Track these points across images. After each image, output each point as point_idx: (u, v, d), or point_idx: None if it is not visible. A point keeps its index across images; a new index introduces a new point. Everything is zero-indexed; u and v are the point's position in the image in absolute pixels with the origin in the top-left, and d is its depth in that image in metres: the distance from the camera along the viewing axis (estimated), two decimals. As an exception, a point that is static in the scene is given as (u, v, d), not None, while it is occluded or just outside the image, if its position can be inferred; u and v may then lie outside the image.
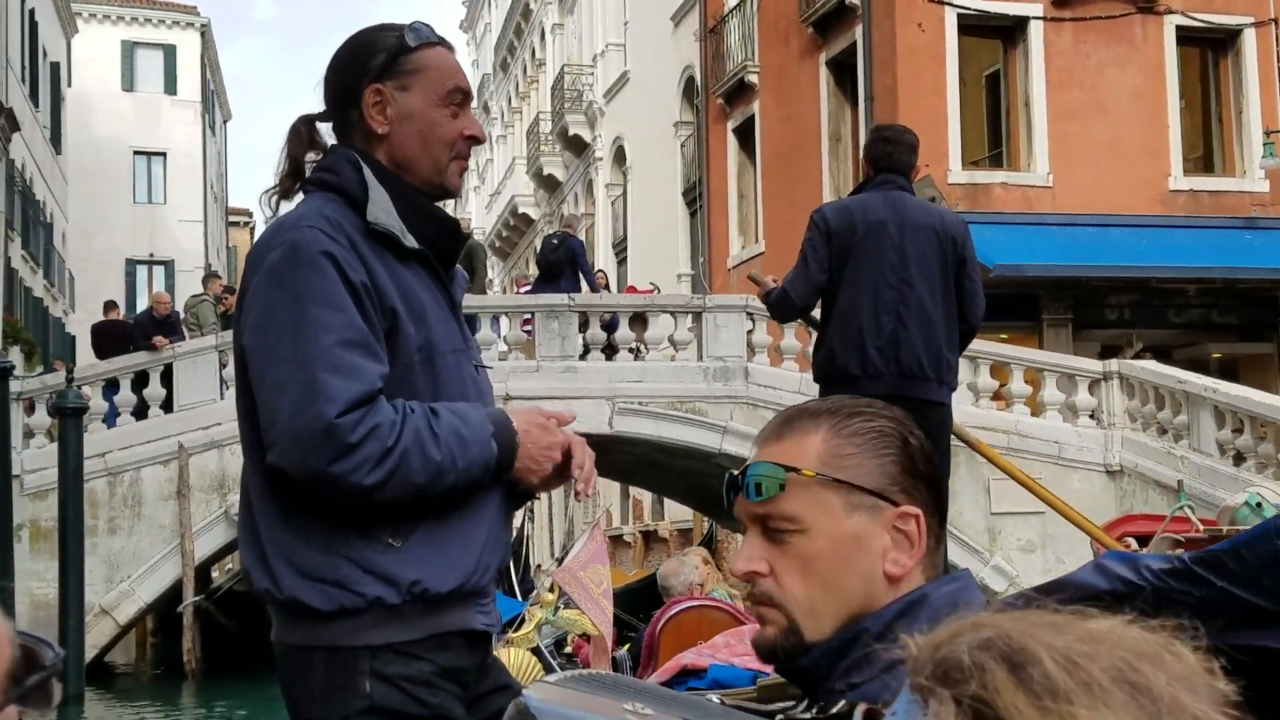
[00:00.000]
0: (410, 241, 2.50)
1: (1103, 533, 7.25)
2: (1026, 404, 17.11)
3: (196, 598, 16.72)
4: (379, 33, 2.60)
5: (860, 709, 0.91)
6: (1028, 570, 16.02)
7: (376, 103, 2.52)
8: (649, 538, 28.72)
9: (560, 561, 12.15)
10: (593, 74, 36.22)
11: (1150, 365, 16.99)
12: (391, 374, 2.44)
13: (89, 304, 35.06)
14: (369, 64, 2.53)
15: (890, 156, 6.22)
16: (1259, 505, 12.06)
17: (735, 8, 26.00)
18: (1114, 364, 17.18)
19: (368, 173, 2.49)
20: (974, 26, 20.85)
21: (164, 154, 48.51)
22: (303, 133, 2.64)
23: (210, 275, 21.35)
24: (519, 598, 13.31)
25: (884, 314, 5.96)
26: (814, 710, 1.54)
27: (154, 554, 16.42)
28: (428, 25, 2.62)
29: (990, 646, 0.80)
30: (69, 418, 14.49)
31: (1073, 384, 17.12)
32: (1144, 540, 13.37)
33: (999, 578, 16.16)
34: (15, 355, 25.31)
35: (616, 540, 30.64)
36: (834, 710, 1.44)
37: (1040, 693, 0.77)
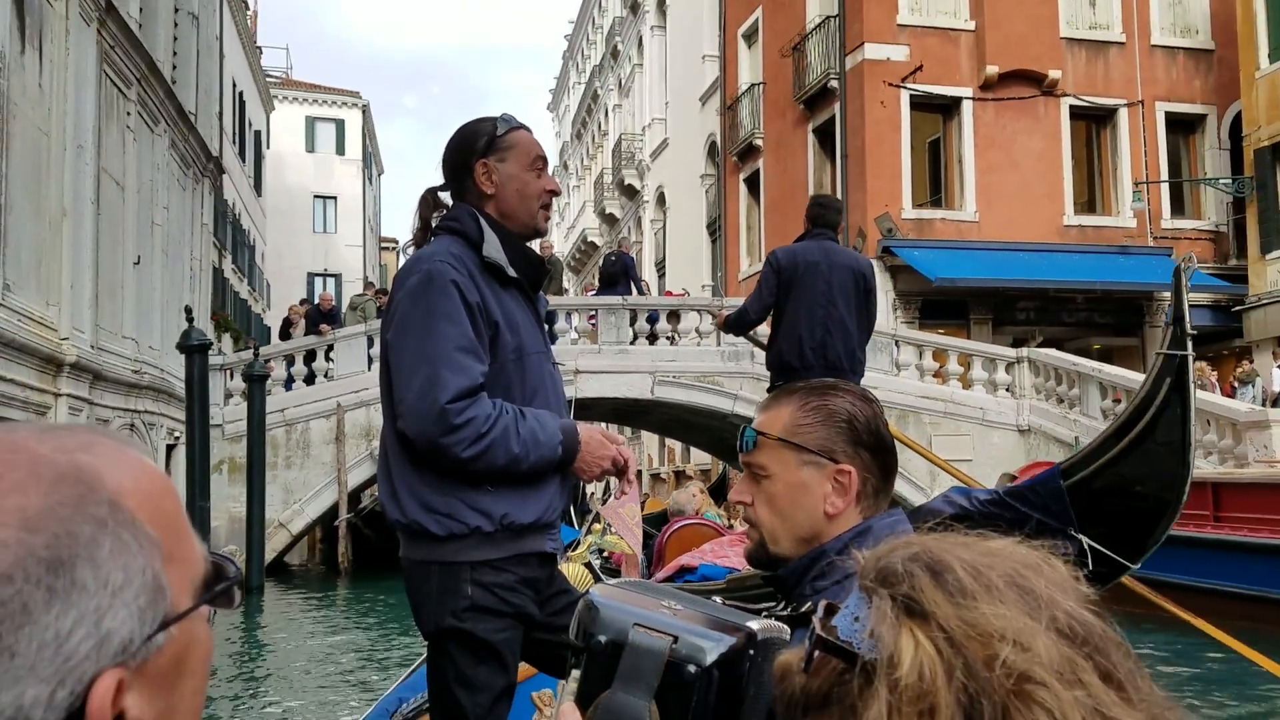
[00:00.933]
0: (512, 272, 2.54)
1: (965, 475, 7.41)
2: (959, 380, 16.68)
3: (348, 515, 16.45)
4: (480, 123, 2.63)
5: (822, 603, 0.85)
6: (958, 503, 15.53)
7: (484, 172, 2.58)
8: (679, 476, 28.28)
9: (604, 502, 12.63)
10: (642, 140, 35.76)
11: (1052, 352, 16.54)
12: (493, 369, 2.48)
13: (280, 305, 34.88)
14: (475, 145, 2.59)
15: (823, 217, 6.42)
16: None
17: (746, 90, 25.48)
18: (1025, 351, 16.74)
19: (483, 222, 2.55)
20: (922, 104, 20.41)
21: (335, 198, 48.25)
22: (429, 199, 2.69)
23: (369, 284, 21.25)
24: (575, 527, 13.05)
25: (816, 326, 6.17)
26: (789, 609, 1.58)
27: (318, 483, 16.19)
28: (512, 115, 2.67)
29: (917, 559, 0.80)
30: (255, 382, 14.24)
31: (994, 365, 16.69)
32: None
33: (937, 508, 15.69)
34: (226, 340, 25.22)
35: (655, 478, 30.27)
36: (804, 609, 1.47)
37: (954, 592, 0.77)
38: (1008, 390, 16.58)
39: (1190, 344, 5.29)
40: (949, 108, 20.57)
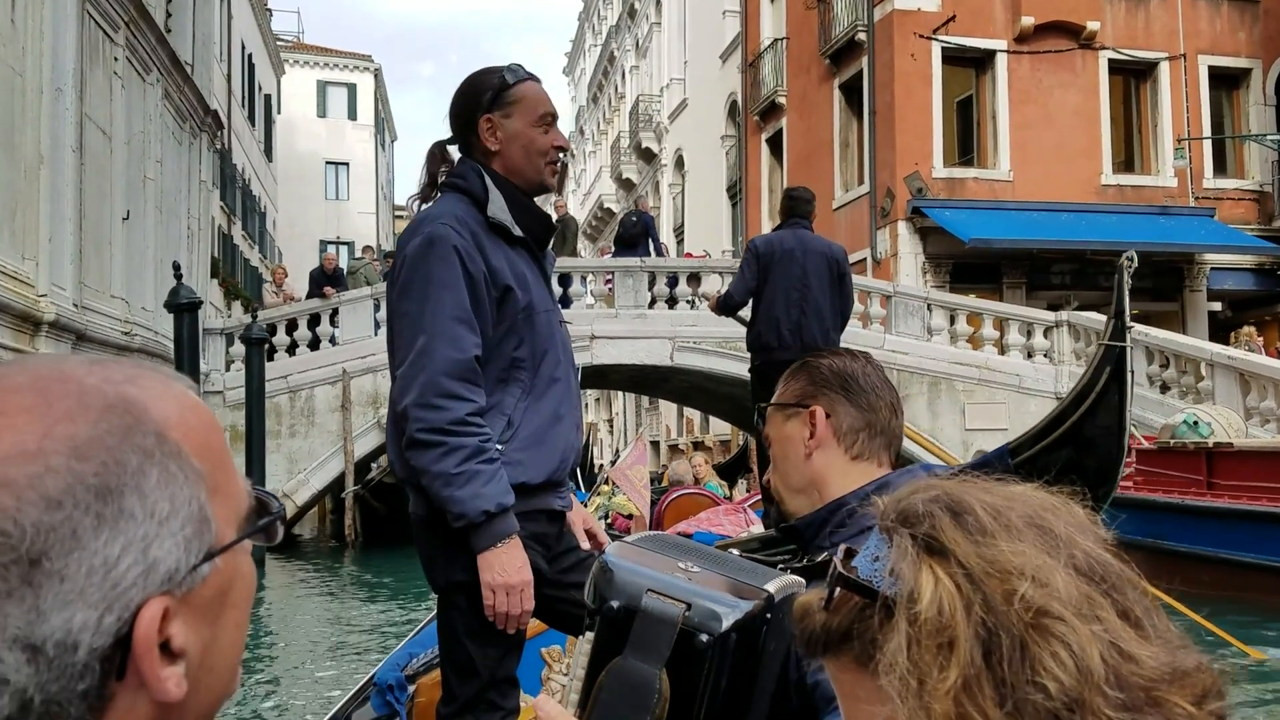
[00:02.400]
0: (517, 231, 2.47)
1: (941, 450, 7.82)
2: (994, 345, 15.82)
3: (355, 487, 15.79)
4: (486, 74, 2.52)
5: (841, 546, 0.85)
6: (993, 474, 14.75)
7: (489, 128, 2.48)
8: (697, 447, 27.51)
9: (613, 464, 12.83)
10: (660, 101, 34.73)
11: (1094, 315, 15.67)
12: (501, 328, 2.42)
13: (293, 272, 34.28)
14: (480, 99, 2.48)
15: (795, 208, 6.99)
16: (1195, 424, 10.73)
17: (769, 46, 24.54)
18: (1064, 314, 15.89)
19: (488, 179, 2.46)
20: (954, 57, 19.49)
21: (347, 164, 47.54)
22: (437, 154, 2.59)
23: (367, 248, 20.56)
24: (583, 489, 12.70)
25: (792, 308, 6.70)
26: (806, 561, 1.51)
27: (323, 452, 15.55)
28: (521, 65, 2.54)
29: (937, 500, 0.81)
30: (253, 346, 13.55)
31: (1031, 330, 15.82)
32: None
33: (971, 479, 14.96)
34: (236, 307, 24.71)
35: (673, 449, 29.55)
36: (820, 559, 1.26)
37: (973, 531, 0.78)
38: (1045, 356, 15.77)
39: (1129, 336, 6.16)
40: (982, 61, 19.66)
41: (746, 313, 7.24)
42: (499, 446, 2.37)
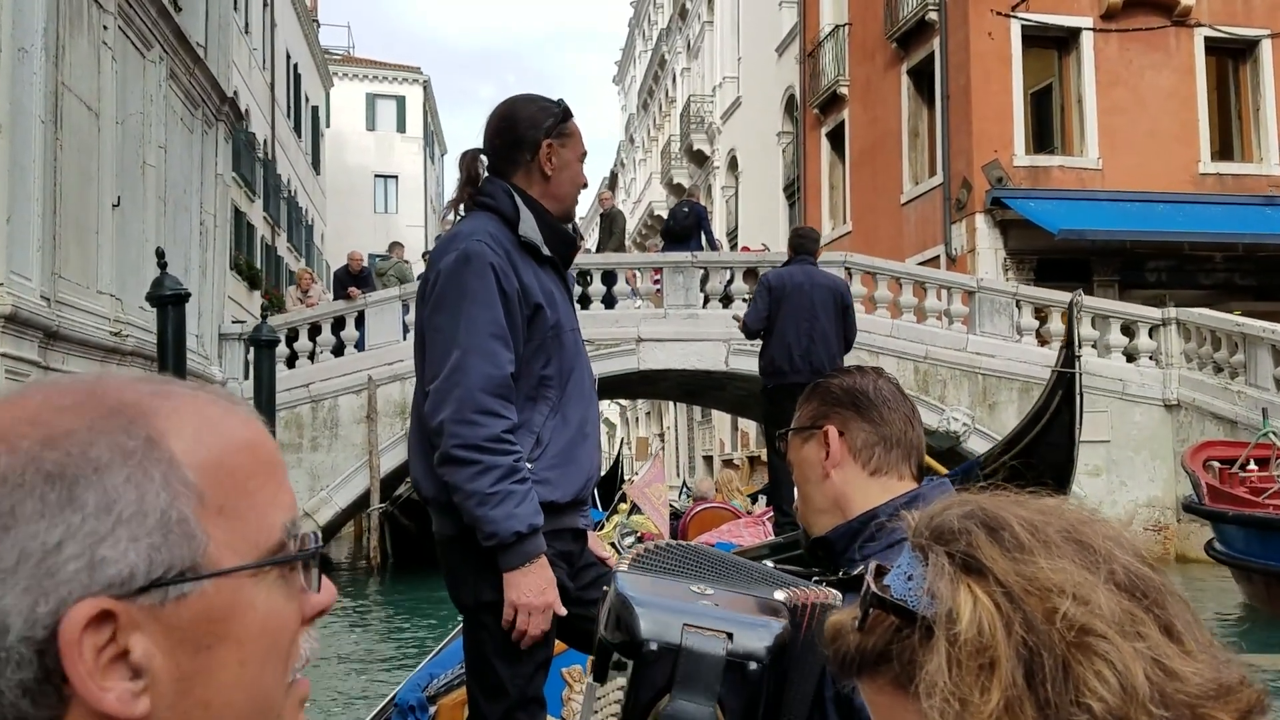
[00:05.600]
0: (547, 251, 2.47)
1: (940, 467, 7.76)
2: (1093, 347, 13.90)
3: (381, 505, 14.25)
4: (544, 102, 2.53)
5: (872, 564, 0.80)
6: (1094, 490, 12.93)
7: (548, 153, 2.48)
8: (754, 462, 25.69)
9: (631, 482, 12.83)
10: (712, 101, 32.94)
11: (1207, 311, 13.77)
12: (533, 344, 2.41)
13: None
14: (544, 125, 2.48)
15: (804, 245, 7.68)
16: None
17: (829, 34, 22.73)
18: (1173, 311, 13.97)
19: (518, 200, 2.46)
20: (1035, 36, 17.61)
21: (396, 177, 46.53)
22: (473, 161, 2.53)
23: (395, 245, 18.89)
24: (600, 508, 12.16)
25: (802, 336, 7.19)
26: (840, 574, 1.59)
27: (348, 467, 14.09)
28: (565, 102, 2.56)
29: (972, 515, 0.78)
30: (262, 349, 12.06)
31: (1134, 329, 13.92)
32: (1228, 462, 10.10)
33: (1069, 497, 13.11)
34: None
35: (727, 463, 27.78)
36: (854, 573, 1.39)
37: (1010, 548, 0.76)
38: (1151, 358, 13.86)
39: (1079, 364, 7.19)
40: (1065, 41, 17.78)
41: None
42: (529, 465, 2.35)
